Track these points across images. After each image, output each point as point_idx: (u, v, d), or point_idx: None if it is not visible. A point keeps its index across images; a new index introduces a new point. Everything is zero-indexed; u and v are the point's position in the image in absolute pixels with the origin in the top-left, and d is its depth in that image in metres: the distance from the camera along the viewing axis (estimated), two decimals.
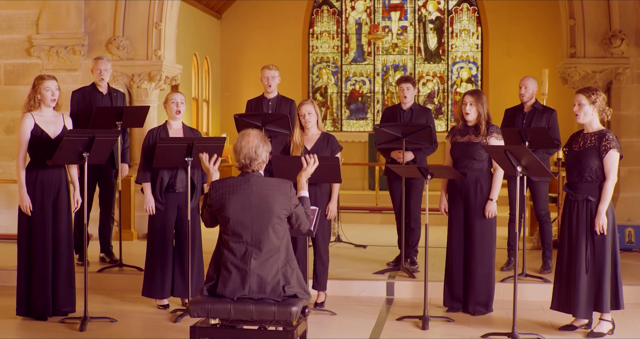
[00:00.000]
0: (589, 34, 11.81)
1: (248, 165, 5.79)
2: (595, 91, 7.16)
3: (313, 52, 22.32)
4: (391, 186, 10.02)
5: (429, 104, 21.71)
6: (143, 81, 12.35)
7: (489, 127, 8.07)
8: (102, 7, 12.38)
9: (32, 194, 7.90)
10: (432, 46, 22.00)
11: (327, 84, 22.37)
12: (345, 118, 22.39)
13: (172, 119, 8.45)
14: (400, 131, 9.36)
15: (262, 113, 10.01)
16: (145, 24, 12.37)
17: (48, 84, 7.92)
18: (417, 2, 21.99)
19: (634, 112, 11.80)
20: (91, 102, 9.94)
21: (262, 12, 21.96)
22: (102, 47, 12.32)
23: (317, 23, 22.29)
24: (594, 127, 7.14)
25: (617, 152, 6.98)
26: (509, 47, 21.20)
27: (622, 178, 11.45)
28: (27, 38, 12.42)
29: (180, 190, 8.34)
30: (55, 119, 8.03)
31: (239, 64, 22.05)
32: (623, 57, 11.71)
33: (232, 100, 21.41)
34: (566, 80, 12.03)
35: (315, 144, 8.25)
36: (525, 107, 10.02)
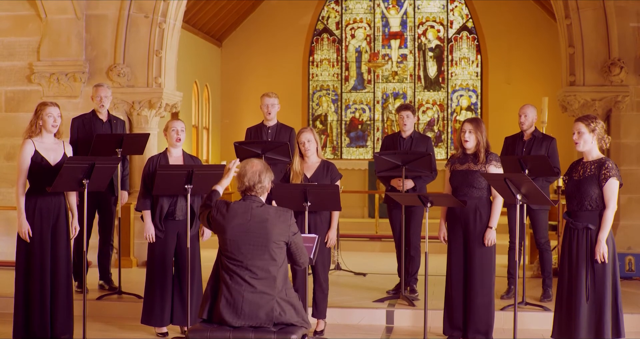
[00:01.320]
0: (588, 62, 11.84)
1: (251, 187, 5.82)
2: (594, 118, 7.16)
3: (313, 80, 22.38)
4: (391, 214, 10.01)
5: (428, 132, 21.74)
6: (143, 108, 12.37)
7: (488, 155, 8.07)
8: (103, 34, 12.42)
9: (31, 221, 7.89)
10: (432, 74, 22.06)
11: (327, 111, 22.41)
12: (345, 146, 22.41)
13: (173, 147, 8.46)
14: (400, 159, 9.37)
15: (262, 141, 10.01)
16: (146, 51, 12.41)
17: (50, 110, 7.94)
18: (416, 30, 22.08)
19: (633, 140, 11.80)
20: (91, 130, 9.95)
21: (262, 40, 22.05)
22: (102, 75, 12.35)
23: (317, 51, 22.36)
24: (593, 155, 7.14)
25: (617, 181, 6.97)
26: (508, 75, 21.26)
27: (622, 206, 11.44)
28: (28, 65, 12.45)
29: (180, 218, 8.33)
30: (56, 146, 8.04)
31: (239, 92, 22.10)
32: (622, 85, 11.73)
33: (232, 127, 21.44)
34: (566, 109, 12.05)
35: (315, 172, 8.25)
36: (524, 135, 10.03)
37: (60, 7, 12.24)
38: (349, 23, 22.36)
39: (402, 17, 22.19)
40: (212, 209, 5.87)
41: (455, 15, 21.97)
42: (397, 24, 22.21)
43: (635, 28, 11.75)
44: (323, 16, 22.34)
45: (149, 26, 12.41)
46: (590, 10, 11.80)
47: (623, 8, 11.76)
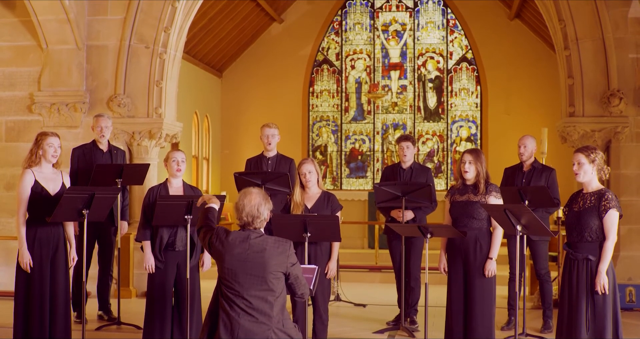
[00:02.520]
0: (587, 93, 11.87)
1: (250, 223, 5.80)
2: (594, 149, 7.17)
3: (313, 111, 22.42)
4: (391, 245, 10.00)
5: (428, 163, 21.75)
6: (143, 139, 12.38)
7: (488, 186, 8.07)
8: (104, 65, 12.46)
9: (31, 250, 7.87)
10: (432, 105, 22.10)
11: (327, 142, 22.43)
12: (345, 176, 22.41)
13: (173, 177, 8.46)
14: (400, 190, 9.37)
15: (262, 171, 10.02)
16: (147, 82, 12.45)
17: (51, 140, 7.95)
18: (416, 61, 22.15)
19: (633, 170, 11.81)
20: (91, 160, 9.96)
21: (262, 70, 22.13)
22: (103, 105, 12.38)
23: (317, 82, 22.42)
24: (593, 186, 7.13)
25: (617, 212, 6.96)
26: (508, 106, 21.30)
27: (622, 237, 11.43)
28: (29, 95, 12.48)
29: (180, 248, 8.31)
30: (55, 176, 8.04)
31: (239, 122, 22.14)
32: (622, 116, 11.76)
33: (232, 158, 21.46)
34: (565, 139, 12.07)
35: (315, 202, 8.24)
36: (524, 166, 10.04)
37: (61, 37, 12.30)
38: (349, 54, 22.44)
39: (402, 48, 22.27)
40: (212, 234, 5.85)
41: (455, 47, 22.04)
42: (397, 55, 22.28)
43: (634, 59, 11.79)
44: (323, 47, 22.41)
45: (149, 57, 12.46)
46: (590, 42, 11.85)
47: (622, 39, 11.81)
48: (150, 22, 12.44)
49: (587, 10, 11.86)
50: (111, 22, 12.50)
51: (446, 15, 22.08)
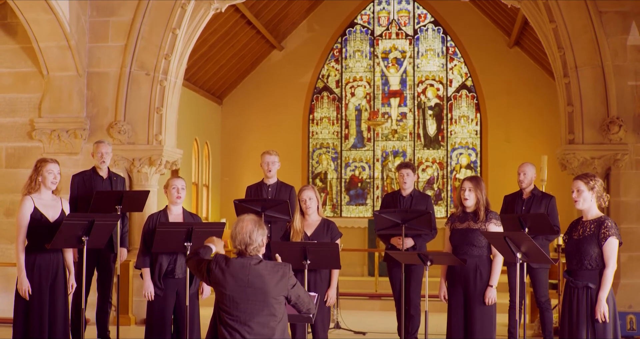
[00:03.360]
0: (587, 121, 11.88)
1: (244, 250, 5.79)
2: (593, 177, 7.17)
3: (313, 138, 22.45)
4: (391, 272, 9.97)
5: (428, 190, 21.75)
6: (143, 166, 12.38)
7: (488, 213, 8.07)
8: (104, 91, 12.48)
9: (30, 277, 7.86)
10: (432, 132, 22.14)
11: (327, 169, 22.44)
12: (345, 204, 22.41)
13: (173, 204, 8.46)
14: (400, 217, 9.36)
15: (262, 199, 10.01)
16: (147, 108, 12.46)
17: (51, 167, 7.96)
18: (416, 88, 22.20)
19: (633, 198, 11.79)
20: (91, 186, 9.96)
21: (262, 98, 22.18)
22: (103, 131, 12.39)
23: (317, 109, 22.46)
24: (592, 213, 7.12)
25: (616, 239, 6.95)
26: (508, 134, 21.33)
27: (623, 264, 11.40)
28: (29, 121, 12.50)
29: (179, 276, 8.30)
30: (54, 202, 8.04)
31: (239, 149, 22.16)
32: (621, 144, 11.76)
33: (231, 185, 21.45)
34: (565, 167, 12.07)
35: (315, 230, 8.24)
36: (524, 194, 10.04)
37: (62, 64, 12.33)
38: (348, 81, 22.50)
39: (402, 76, 22.33)
40: (211, 262, 5.83)
41: (454, 74, 22.10)
42: (397, 82, 22.34)
43: (634, 87, 11.82)
44: (323, 75, 22.48)
45: (150, 84, 12.48)
46: (589, 69, 11.88)
47: (621, 67, 11.83)
48: (151, 49, 12.47)
49: (586, 38, 11.89)
50: (112, 49, 12.54)
51: (446, 43, 22.16)
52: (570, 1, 11.93)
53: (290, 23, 21.88)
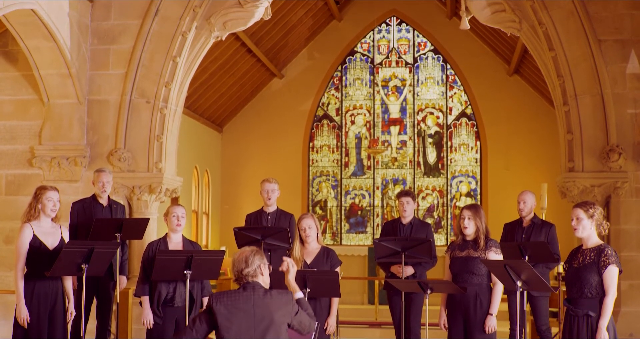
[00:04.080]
0: (587, 149, 11.89)
1: (240, 274, 5.79)
2: (593, 204, 7.16)
3: (313, 166, 22.46)
4: (391, 301, 9.94)
5: (428, 218, 21.73)
6: (143, 193, 12.38)
7: (488, 241, 8.06)
8: (105, 119, 12.49)
9: (29, 305, 7.85)
10: (432, 160, 22.15)
11: (327, 197, 22.44)
12: (345, 232, 22.39)
13: (173, 232, 8.46)
14: (400, 245, 9.34)
15: (262, 226, 10.00)
16: (147, 136, 12.47)
17: (50, 195, 7.96)
18: (416, 116, 22.24)
19: (633, 226, 11.77)
20: (91, 214, 9.95)
21: (262, 126, 22.21)
22: (103, 159, 12.39)
23: (317, 137, 22.49)
24: (592, 241, 7.12)
25: (617, 268, 6.94)
26: (507, 162, 21.35)
27: (623, 292, 11.37)
28: (29, 149, 12.50)
29: (178, 304, 8.28)
30: (54, 230, 8.04)
31: (239, 177, 22.17)
32: (621, 171, 11.76)
33: (231, 213, 21.45)
34: (565, 195, 12.07)
35: (315, 258, 8.23)
36: (524, 222, 10.04)
37: (62, 91, 12.35)
38: (349, 109, 22.54)
39: (402, 104, 22.38)
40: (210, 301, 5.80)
41: (454, 102, 22.16)
42: (397, 110, 22.39)
43: (633, 115, 11.83)
44: (323, 102, 22.53)
45: (150, 111, 12.50)
46: (588, 97, 11.90)
47: (620, 95, 11.86)
48: (151, 77, 12.50)
49: (585, 66, 11.93)
50: (112, 77, 12.56)
51: (446, 71, 22.23)
52: (569, 30, 11.98)
53: (291, 51, 21.97)
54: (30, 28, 11.58)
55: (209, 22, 12.52)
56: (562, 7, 11.98)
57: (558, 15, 12.00)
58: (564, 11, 11.99)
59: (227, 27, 12.64)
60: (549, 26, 12.01)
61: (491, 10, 12.27)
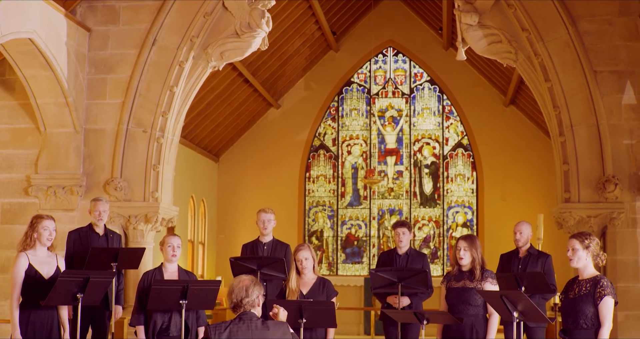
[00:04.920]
0: (583, 179, 11.90)
1: (239, 303, 5.78)
2: (589, 235, 7.16)
3: (309, 196, 22.45)
4: (387, 331, 9.91)
5: (424, 249, 21.70)
6: (139, 223, 12.36)
7: (484, 272, 8.05)
8: (102, 148, 12.50)
9: (24, 334, 7.82)
10: (428, 191, 22.15)
11: (323, 227, 22.41)
12: (341, 262, 22.34)
13: (168, 262, 8.44)
14: (396, 276, 9.32)
15: (258, 257, 9.98)
16: (143, 165, 12.47)
17: (46, 223, 7.95)
18: (412, 147, 22.27)
19: (629, 256, 11.77)
20: (87, 243, 9.92)
21: (259, 155, 22.22)
22: (99, 188, 12.38)
23: (314, 167, 22.50)
24: (588, 272, 7.10)
25: (612, 299, 6.93)
26: (504, 192, 21.36)
27: (620, 323, 11.34)
28: (26, 177, 12.50)
29: (174, 334, 8.24)
30: (49, 259, 8.03)
31: (235, 207, 22.15)
32: (617, 202, 11.77)
33: (227, 243, 21.41)
34: (561, 225, 12.07)
35: (311, 288, 8.21)
36: (520, 252, 10.03)
37: (59, 120, 12.37)
38: (345, 139, 22.57)
39: (398, 134, 22.41)
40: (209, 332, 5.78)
41: (450, 133, 22.19)
42: (393, 140, 22.42)
43: (629, 145, 11.87)
44: (320, 133, 22.56)
45: (147, 141, 12.51)
46: (584, 128, 11.94)
47: (616, 126, 11.90)
48: (148, 106, 12.53)
49: (581, 97, 11.98)
50: (109, 106, 12.59)
51: (442, 102, 22.28)
52: (565, 61, 12.04)
53: (287, 81, 22.02)
54: (27, 57, 11.62)
55: (206, 52, 12.57)
56: (558, 39, 12.05)
57: (554, 46, 12.07)
58: (559, 42, 12.06)
59: (224, 57, 12.68)
60: (545, 57, 12.07)
61: (487, 41, 12.33)
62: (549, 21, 12.10)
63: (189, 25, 12.52)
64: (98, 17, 12.75)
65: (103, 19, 12.75)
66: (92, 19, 12.73)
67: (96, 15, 12.75)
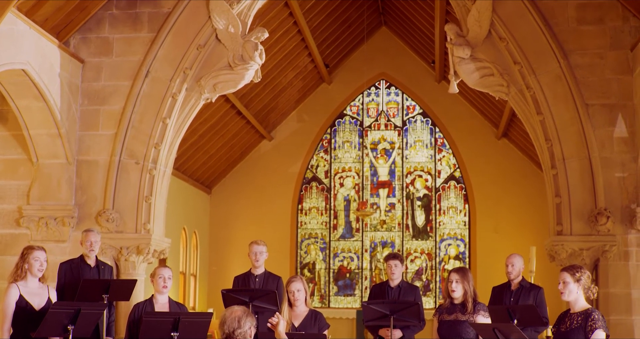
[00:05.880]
0: (575, 212, 11.92)
1: (231, 334, 5.76)
2: (580, 268, 7.15)
3: (301, 228, 22.43)
4: None
5: (417, 281, 21.66)
6: (131, 254, 12.33)
7: (476, 304, 8.04)
8: (94, 179, 12.49)
9: None
10: (420, 223, 22.15)
11: (315, 260, 22.37)
12: (333, 294, 22.28)
13: (159, 293, 8.42)
14: (388, 308, 9.30)
15: (250, 289, 9.95)
16: (136, 197, 12.46)
17: (37, 254, 7.93)
18: (405, 179, 22.29)
19: (621, 289, 11.76)
20: (79, 275, 9.89)
21: (251, 187, 22.22)
22: (91, 219, 12.36)
23: (306, 199, 22.49)
24: (580, 305, 7.09)
25: (604, 332, 6.91)
26: (496, 225, 21.36)
27: None
28: (17, 208, 12.47)
29: None
30: (41, 290, 8.00)
31: (227, 239, 22.11)
32: (609, 235, 11.78)
33: (219, 275, 21.35)
34: (554, 258, 12.07)
35: (303, 321, 8.18)
36: (512, 285, 10.02)
37: (51, 151, 12.37)
38: (337, 172, 22.58)
39: (391, 167, 22.44)
40: None
41: (443, 165, 22.23)
42: (386, 173, 22.44)
43: (621, 178, 11.90)
44: (312, 165, 22.58)
45: (139, 172, 12.51)
46: (576, 161, 11.97)
47: (608, 159, 11.93)
48: (141, 138, 12.54)
49: (573, 130, 12.02)
50: (102, 137, 12.59)
51: (434, 134, 22.34)
52: (557, 94, 12.10)
53: (280, 114, 22.07)
54: (20, 88, 11.64)
55: (199, 84, 12.61)
56: (550, 72, 12.11)
57: (546, 79, 12.13)
58: (551, 76, 12.12)
59: (217, 89, 12.71)
60: (537, 90, 12.13)
61: (480, 74, 12.38)
62: (541, 54, 12.17)
63: (182, 57, 12.57)
64: (91, 49, 12.79)
65: (96, 51, 12.79)
66: (85, 51, 12.77)
67: (89, 47, 12.79)
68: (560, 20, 12.26)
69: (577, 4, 12.27)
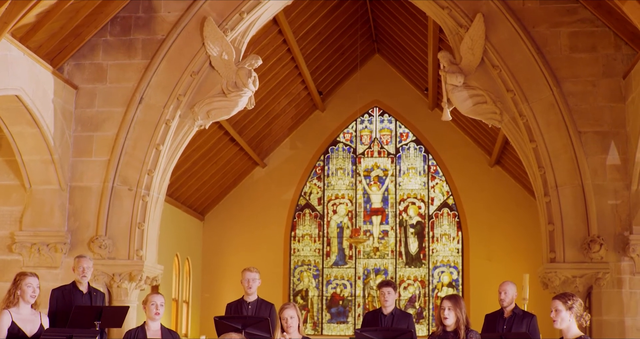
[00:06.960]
0: (568, 239, 11.92)
1: None
2: (572, 296, 7.14)
3: (294, 255, 22.40)
4: None
5: (410, 309, 21.62)
6: (124, 281, 12.29)
7: (468, 332, 8.01)
8: (87, 206, 12.47)
9: None
10: (413, 250, 22.14)
11: (308, 287, 22.33)
12: (326, 321, 22.22)
13: (151, 320, 8.40)
14: (381, 336, 9.26)
15: (243, 316, 9.92)
16: (129, 223, 12.44)
17: (30, 280, 7.91)
18: (398, 206, 22.29)
19: (615, 317, 11.74)
20: (71, 301, 9.86)
21: (244, 214, 22.20)
22: (84, 246, 12.33)
23: (299, 226, 22.48)
24: (572, 333, 7.07)
25: None
26: (489, 252, 21.35)
27: None
28: (10, 234, 12.43)
29: None
30: (33, 317, 7.97)
31: (220, 266, 22.06)
32: (602, 262, 11.78)
33: (212, 302, 21.30)
34: (547, 285, 12.06)
35: None
36: (505, 313, 10.00)
37: (44, 178, 12.35)
38: (330, 199, 22.59)
39: (384, 194, 22.46)
40: None
41: (436, 192, 22.25)
42: (379, 200, 22.45)
43: (614, 205, 11.91)
44: (305, 192, 22.58)
45: (132, 199, 12.49)
46: (569, 188, 11.99)
47: (601, 186, 11.95)
48: (134, 164, 12.53)
49: (566, 157, 12.04)
50: (95, 164, 12.58)
51: (427, 162, 22.37)
52: (550, 121, 12.13)
53: (273, 141, 22.10)
54: (14, 114, 11.65)
55: (192, 110, 12.62)
56: (543, 100, 12.15)
57: (538, 107, 12.16)
58: (544, 103, 12.16)
59: (210, 116, 12.72)
60: (530, 118, 12.16)
61: (473, 102, 12.42)
62: (534, 82, 12.21)
63: (176, 83, 12.58)
64: (85, 75, 12.81)
65: (90, 77, 12.80)
66: (79, 77, 12.78)
67: (83, 73, 12.81)
68: (553, 48, 12.31)
69: (569, 32, 12.33)
